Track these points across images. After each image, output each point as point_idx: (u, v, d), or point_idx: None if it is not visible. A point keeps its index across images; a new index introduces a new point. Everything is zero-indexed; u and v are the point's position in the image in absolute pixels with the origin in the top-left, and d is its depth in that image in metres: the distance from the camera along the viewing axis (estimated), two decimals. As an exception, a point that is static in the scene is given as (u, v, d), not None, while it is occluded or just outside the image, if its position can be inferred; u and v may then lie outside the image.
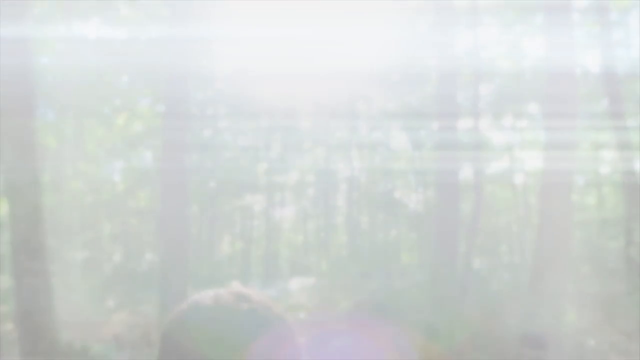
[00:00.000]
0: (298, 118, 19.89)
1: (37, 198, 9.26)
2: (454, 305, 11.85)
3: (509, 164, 19.93)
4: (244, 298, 1.42)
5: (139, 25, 15.66)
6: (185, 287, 11.87)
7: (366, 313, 10.90)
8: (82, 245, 16.68)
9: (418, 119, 18.06)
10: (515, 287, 14.65)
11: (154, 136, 16.35)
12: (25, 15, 10.00)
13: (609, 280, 13.11)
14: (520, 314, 11.40)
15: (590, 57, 15.30)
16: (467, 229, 15.16)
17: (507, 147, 19.64)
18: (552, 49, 12.14)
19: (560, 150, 11.51)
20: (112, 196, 17.69)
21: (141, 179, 17.85)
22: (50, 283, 8.98)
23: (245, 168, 19.44)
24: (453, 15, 14.60)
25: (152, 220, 16.66)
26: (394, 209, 21.43)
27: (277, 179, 20.75)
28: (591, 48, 14.61)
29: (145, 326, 11.26)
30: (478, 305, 12.19)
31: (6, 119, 9.46)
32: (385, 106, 19.43)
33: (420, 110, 18.10)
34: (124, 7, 15.42)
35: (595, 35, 13.63)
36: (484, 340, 10.50)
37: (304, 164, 21.06)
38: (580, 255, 14.72)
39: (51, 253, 10.24)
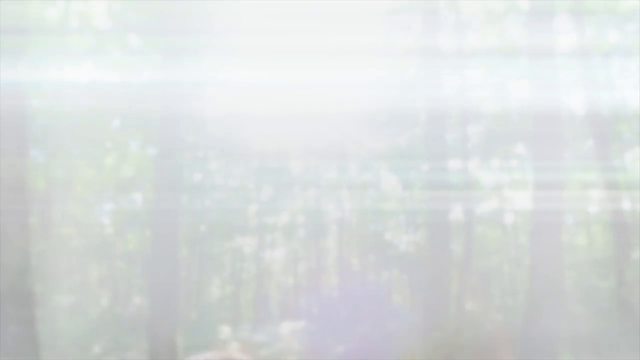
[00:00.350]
0: (288, 160, 19.97)
1: (26, 244, 9.15)
2: (447, 348, 11.70)
3: (498, 204, 20.02)
4: None
5: (131, 70, 15.83)
6: (174, 332, 11.64)
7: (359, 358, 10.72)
8: (68, 289, 16.39)
9: (408, 160, 18.19)
10: (509, 329, 14.52)
11: (144, 179, 16.30)
12: (19, 59, 10.09)
13: (601, 320, 13.04)
14: (515, 355, 11.26)
15: (576, 99, 15.60)
16: (458, 269, 15.10)
17: (496, 187, 19.76)
18: (537, 91, 12.38)
19: (548, 190, 11.61)
20: (100, 239, 17.50)
21: (131, 222, 17.72)
22: (37, 331, 8.77)
23: (236, 210, 19.39)
24: (440, 58, 14.90)
25: (140, 263, 16.45)
26: (384, 250, 21.34)
27: (267, 221, 20.68)
28: (576, 90, 14.91)
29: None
30: (472, 348, 12.05)
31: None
32: (375, 148, 19.59)
33: (409, 152, 18.26)
34: (116, 52, 15.62)
35: (580, 77, 13.93)
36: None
37: (294, 205, 21.05)
38: (572, 296, 14.67)
39: (38, 299, 10.06)
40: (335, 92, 17.75)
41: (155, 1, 13.13)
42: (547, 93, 12.35)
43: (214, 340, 14.37)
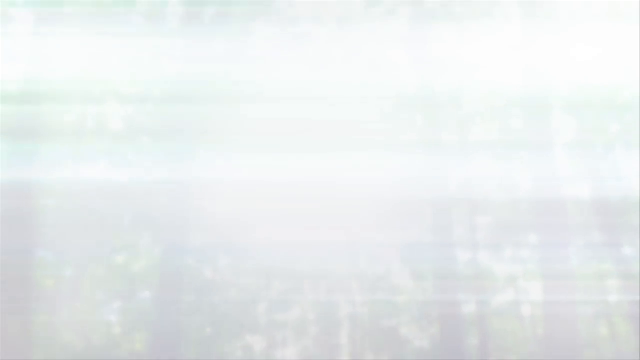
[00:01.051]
0: (298, 255, 19.93)
1: (27, 345, 9.04)
2: None
3: (514, 295, 19.57)
4: None
5: (142, 170, 16.28)
6: None
7: None
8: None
9: (418, 252, 18.09)
10: None
11: (152, 277, 16.26)
12: (31, 159, 10.42)
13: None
14: None
15: (582, 189, 15.63)
16: (475, 366, 14.57)
17: (510, 278, 19.41)
18: (542, 182, 12.47)
19: (560, 281, 11.40)
20: (107, 339, 17.22)
21: (139, 321, 17.49)
22: None
23: (245, 307, 19.13)
24: (445, 151, 15.19)
25: (147, 364, 16.01)
26: (399, 346, 20.71)
27: (277, 318, 20.32)
28: (582, 180, 14.98)
29: None
30: None
31: (5, 264, 9.50)
32: (385, 239, 19.56)
33: (419, 243, 18.19)
34: (128, 153, 16.15)
35: (584, 168, 14.06)
36: None
37: (305, 301, 20.75)
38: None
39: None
40: (342, 186, 17.99)
41: (166, 105, 13.73)
42: (553, 183, 12.44)
43: None
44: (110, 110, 15.99)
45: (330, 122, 18.20)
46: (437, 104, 16.12)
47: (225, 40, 14.80)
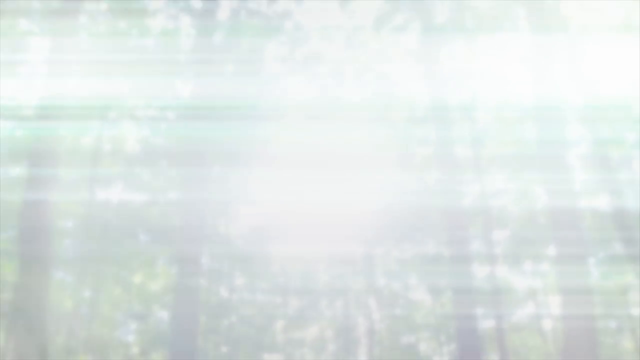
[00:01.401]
0: (314, 273, 19.88)
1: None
2: None
3: (534, 309, 19.28)
4: None
5: (158, 191, 16.42)
6: None
7: None
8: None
9: (434, 266, 17.95)
10: None
11: (170, 296, 16.31)
12: (49, 181, 10.54)
13: None
14: None
15: (600, 201, 15.43)
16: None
17: (529, 292, 19.14)
18: (558, 195, 12.33)
19: (578, 294, 11.22)
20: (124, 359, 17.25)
21: (156, 341, 17.51)
22: None
23: (263, 326, 19.07)
24: (460, 166, 15.11)
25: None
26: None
27: (295, 336, 20.21)
28: (598, 192, 14.80)
29: None
30: None
31: (22, 284, 9.58)
32: (401, 255, 19.45)
33: (436, 259, 18.06)
34: (145, 173, 16.31)
35: (601, 179, 13.88)
36: None
37: (322, 318, 20.63)
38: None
39: None
40: (358, 202, 17.98)
41: (180, 126, 13.89)
42: (570, 196, 12.30)
43: None
44: (126, 132, 16.21)
45: (343, 138, 18.24)
46: (451, 118, 16.08)
47: (237, 61, 14.95)
